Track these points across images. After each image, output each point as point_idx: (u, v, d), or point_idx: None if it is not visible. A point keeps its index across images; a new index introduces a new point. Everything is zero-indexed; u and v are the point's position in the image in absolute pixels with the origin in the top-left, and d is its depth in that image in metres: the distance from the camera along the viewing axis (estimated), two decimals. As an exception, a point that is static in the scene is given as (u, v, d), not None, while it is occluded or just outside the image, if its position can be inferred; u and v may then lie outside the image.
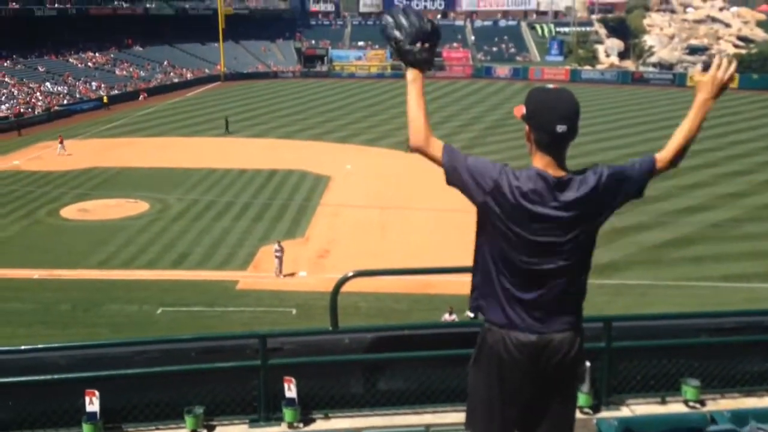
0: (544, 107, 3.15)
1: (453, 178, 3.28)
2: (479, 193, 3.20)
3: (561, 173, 3.18)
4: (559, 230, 3.15)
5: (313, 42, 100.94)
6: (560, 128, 3.10)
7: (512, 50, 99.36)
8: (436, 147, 3.36)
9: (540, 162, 3.21)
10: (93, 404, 5.14)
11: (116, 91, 71.67)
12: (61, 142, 46.57)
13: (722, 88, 3.39)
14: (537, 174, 3.17)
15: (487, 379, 3.40)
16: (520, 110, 3.25)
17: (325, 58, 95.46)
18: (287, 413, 5.29)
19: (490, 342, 3.36)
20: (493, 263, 3.27)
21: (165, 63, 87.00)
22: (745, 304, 22.19)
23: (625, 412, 5.50)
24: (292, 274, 26.04)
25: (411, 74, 3.37)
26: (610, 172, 3.25)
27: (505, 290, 3.25)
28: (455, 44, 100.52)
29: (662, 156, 3.41)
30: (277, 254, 25.76)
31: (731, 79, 3.40)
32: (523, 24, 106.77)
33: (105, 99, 67.81)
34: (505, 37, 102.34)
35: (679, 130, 3.46)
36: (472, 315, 3.46)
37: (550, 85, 3.27)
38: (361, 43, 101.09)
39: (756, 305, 21.64)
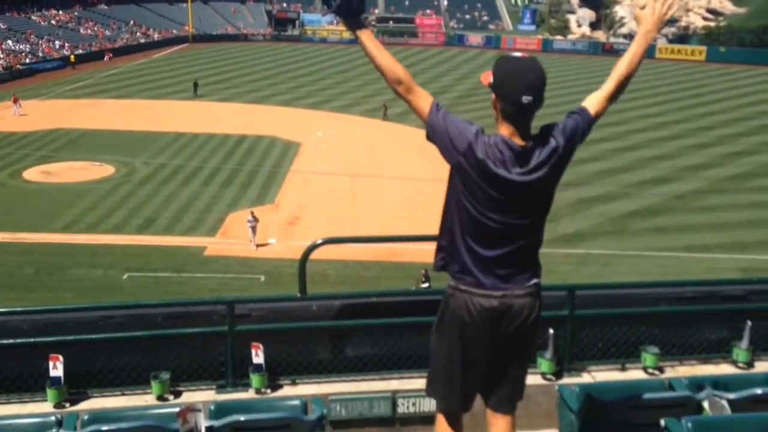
0: (511, 77, 3.17)
1: (433, 136, 3.30)
2: (454, 153, 3.23)
3: (524, 142, 3.22)
4: (524, 192, 3.22)
5: (285, 5, 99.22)
6: (526, 99, 3.13)
7: (485, 18, 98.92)
8: (424, 99, 3.35)
9: (505, 130, 3.24)
10: (57, 369, 5.10)
11: (80, 51, 69.80)
12: (16, 102, 45.36)
13: (663, 22, 3.47)
14: (503, 141, 3.21)
15: (449, 344, 3.46)
16: (488, 78, 3.27)
17: (297, 22, 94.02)
18: (255, 379, 5.32)
19: (453, 307, 3.41)
20: (459, 223, 3.32)
21: (131, 23, 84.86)
22: (707, 274, 22.77)
23: (586, 378, 5.63)
24: (265, 245, 25.65)
25: (357, 32, 3.31)
26: (567, 136, 3.30)
27: (470, 249, 3.32)
28: (428, 11, 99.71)
29: (599, 96, 3.46)
30: (251, 224, 25.38)
31: (670, 11, 3.47)
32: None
33: (72, 58, 66.12)
34: (478, 5, 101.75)
35: (621, 63, 3.53)
36: (434, 272, 3.53)
37: (518, 54, 3.28)
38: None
39: (717, 275, 22.22)
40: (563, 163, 3.31)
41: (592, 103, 3.46)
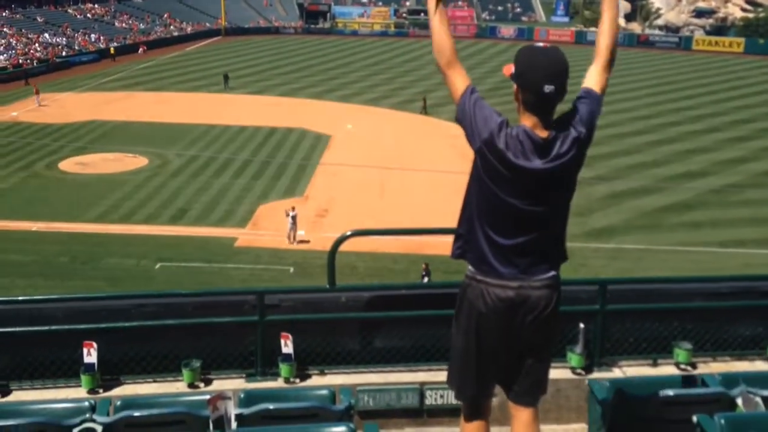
0: (533, 67, 3.14)
1: (462, 118, 3.31)
2: (477, 139, 3.24)
3: (546, 133, 3.20)
4: (544, 181, 3.20)
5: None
6: (548, 88, 3.10)
7: (518, 10, 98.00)
8: (461, 79, 3.36)
9: (528, 121, 3.21)
10: (91, 355, 5.20)
11: (115, 44, 70.83)
12: (37, 93, 46.26)
13: None
14: (524, 132, 3.19)
15: (465, 335, 3.45)
16: (510, 69, 3.25)
17: (328, 15, 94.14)
18: (284, 368, 5.36)
19: (470, 297, 3.41)
20: (478, 210, 3.32)
21: (165, 16, 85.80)
22: (742, 270, 22.31)
23: (617, 373, 5.57)
24: (306, 241, 25.01)
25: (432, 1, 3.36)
26: (587, 124, 3.27)
27: (488, 237, 3.30)
28: (460, 2, 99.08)
29: (597, 70, 3.44)
30: (291, 217, 24.94)
31: None
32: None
33: (112, 50, 67.47)
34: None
35: (603, 33, 3.50)
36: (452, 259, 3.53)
37: (540, 44, 3.26)
38: (364, 0, 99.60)
39: (752, 271, 21.76)
40: (584, 151, 3.29)
41: (594, 80, 3.42)
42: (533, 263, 3.31)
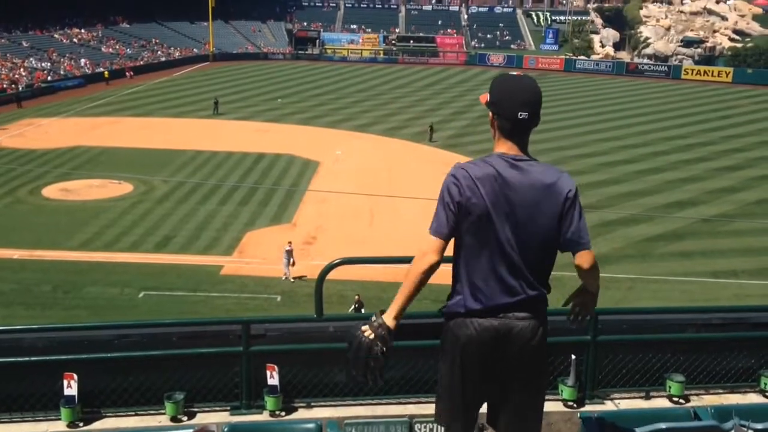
0: (507, 94, 3.26)
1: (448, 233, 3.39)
2: (460, 219, 3.32)
3: (521, 155, 3.32)
4: (521, 200, 3.25)
5: (305, 24, 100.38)
6: (522, 115, 3.22)
7: (507, 38, 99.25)
8: (435, 245, 3.37)
9: (503, 148, 3.32)
10: (71, 388, 5.12)
11: (102, 69, 71.01)
12: None
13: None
14: (498, 156, 3.29)
15: (450, 367, 3.44)
16: (485, 97, 3.34)
17: (317, 41, 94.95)
18: (269, 401, 5.30)
19: (453, 328, 3.41)
20: (464, 247, 3.36)
21: (153, 41, 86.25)
22: (734, 300, 22.45)
23: (609, 406, 5.55)
24: (301, 278, 24.17)
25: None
26: (571, 199, 3.38)
27: (473, 268, 3.34)
28: (449, 30, 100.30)
29: (577, 263, 3.50)
30: (286, 252, 24.35)
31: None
32: (519, 11, 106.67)
33: (106, 74, 68.06)
34: (500, 24, 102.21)
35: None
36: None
37: (514, 73, 3.37)
38: (353, 26, 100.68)
39: (744, 301, 21.89)
40: (549, 204, 3.30)
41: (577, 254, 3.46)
42: (518, 294, 3.33)
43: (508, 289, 3.29)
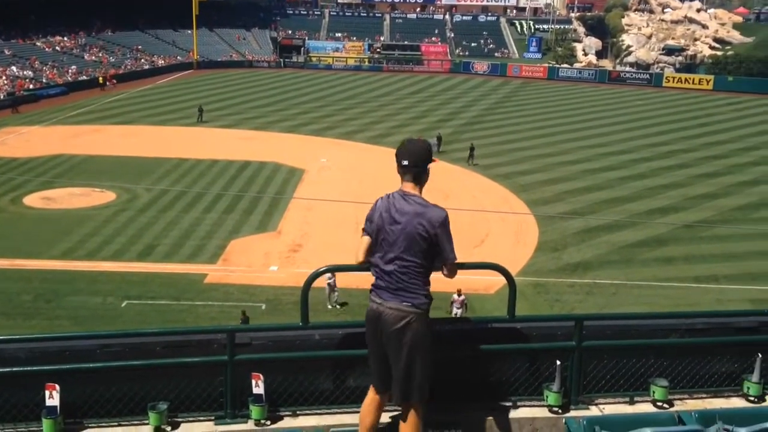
0: (399, 149, 4.63)
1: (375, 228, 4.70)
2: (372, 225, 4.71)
3: (414, 191, 4.59)
4: (398, 228, 4.51)
5: (290, 32, 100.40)
6: (404, 162, 4.57)
7: (491, 46, 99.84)
8: (362, 243, 4.74)
9: (404, 185, 4.65)
10: (53, 398, 5.06)
11: (84, 77, 70.55)
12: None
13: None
14: (399, 191, 4.66)
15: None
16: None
17: (302, 49, 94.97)
18: (254, 410, 5.26)
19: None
20: (374, 247, 4.71)
21: (136, 49, 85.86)
22: (715, 305, 22.65)
23: (594, 411, 5.56)
24: (344, 304, 22.85)
25: None
26: (438, 233, 4.47)
27: (376, 266, 4.63)
28: (434, 38, 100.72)
29: (445, 272, 4.68)
30: (330, 281, 22.81)
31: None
32: (503, 19, 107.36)
33: (100, 79, 68.30)
34: (485, 33, 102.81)
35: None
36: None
37: (415, 137, 4.53)
38: (338, 35, 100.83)
39: (726, 306, 22.08)
40: (422, 233, 4.45)
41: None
42: (395, 290, 4.49)
43: (385, 282, 4.53)
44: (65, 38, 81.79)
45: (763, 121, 59.14)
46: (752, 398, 5.76)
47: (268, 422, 5.29)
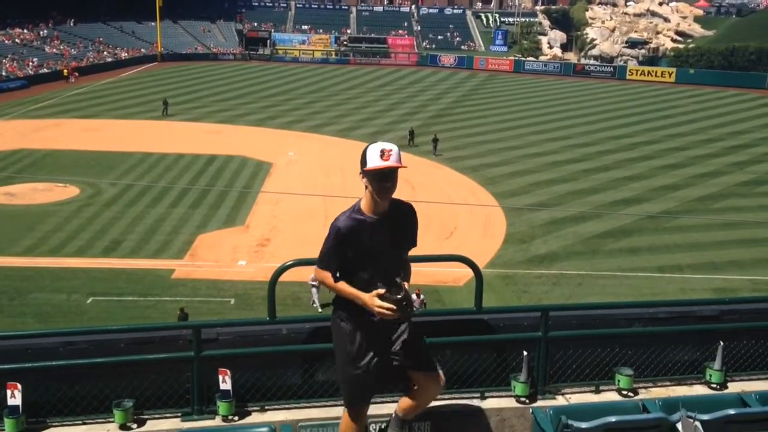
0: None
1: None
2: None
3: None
4: None
5: (256, 24, 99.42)
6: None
7: (458, 39, 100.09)
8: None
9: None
10: (15, 398, 4.96)
11: (45, 70, 69.04)
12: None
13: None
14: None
15: None
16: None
17: (268, 41, 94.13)
18: (222, 406, 5.22)
19: None
20: None
21: (98, 41, 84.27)
22: (679, 294, 23.10)
23: (560, 401, 5.62)
24: (328, 305, 22.98)
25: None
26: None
27: None
28: (401, 31, 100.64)
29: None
30: (314, 283, 21.85)
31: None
32: (469, 12, 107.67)
33: (65, 72, 66.79)
34: (451, 26, 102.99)
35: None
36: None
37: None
38: (305, 27, 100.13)
39: (689, 295, 22.53)
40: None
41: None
42: None
43: None
44: (25, 30, 79.91)
45: (724, 113, 60.34)
46: (714, 385, 5.89)
47: (236, 417, 5.26)
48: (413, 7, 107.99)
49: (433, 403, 5.03)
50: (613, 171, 40.14)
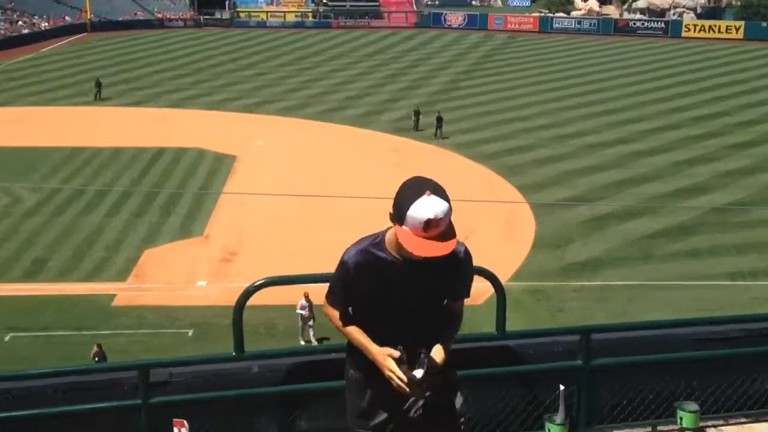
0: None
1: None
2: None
3: None
4: None
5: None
6: None
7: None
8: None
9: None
10: None
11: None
12: None
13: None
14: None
15: None
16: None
17: (227, 3, 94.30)
18: (178, 466, 5.23)
19: None
20: None
21: (11, 8, 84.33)
22: (753, 307, 23.08)
23: (608, 446, 5.63)
24: (325, 339, 20.60)
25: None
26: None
27: None
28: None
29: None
30: (302, 311, 22.24)
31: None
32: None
33: None
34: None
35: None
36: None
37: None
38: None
39: (766, 309, 22.51)
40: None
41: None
42: None
43: None
44: None
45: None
46: (802, 421, 5.90)
47: (196, 481, 5.25)
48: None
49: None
50: (668, 153, 40.20)
